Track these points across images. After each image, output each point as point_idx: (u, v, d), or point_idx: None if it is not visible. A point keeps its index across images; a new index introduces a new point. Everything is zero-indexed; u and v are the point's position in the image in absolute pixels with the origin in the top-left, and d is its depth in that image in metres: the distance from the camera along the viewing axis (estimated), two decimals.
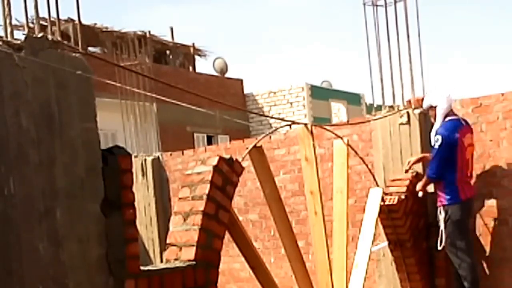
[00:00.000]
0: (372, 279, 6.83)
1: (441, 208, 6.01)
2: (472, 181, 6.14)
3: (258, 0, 65.56)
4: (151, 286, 3.44)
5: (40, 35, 3.18)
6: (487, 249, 6.25)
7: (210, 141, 21.37)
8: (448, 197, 5.97)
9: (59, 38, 3.29)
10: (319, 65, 57.15)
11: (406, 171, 6.35)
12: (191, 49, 23.85)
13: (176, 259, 3.81)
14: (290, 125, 5.72)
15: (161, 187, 9.20)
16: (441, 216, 5.99)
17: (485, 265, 6.27)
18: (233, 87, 23.91)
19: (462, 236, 5.99)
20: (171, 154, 9.25)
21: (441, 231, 5.98)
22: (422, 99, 6.46)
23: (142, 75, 9.02)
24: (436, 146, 5.94)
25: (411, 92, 6.76)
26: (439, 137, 5.92)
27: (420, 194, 6.19)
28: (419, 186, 6.19)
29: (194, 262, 3.73)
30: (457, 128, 5.97)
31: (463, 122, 6.07)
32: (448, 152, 5.90)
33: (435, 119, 6.12)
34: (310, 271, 5.25)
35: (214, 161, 4.15)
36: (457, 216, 5.95)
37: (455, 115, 6.10)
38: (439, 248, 5.99)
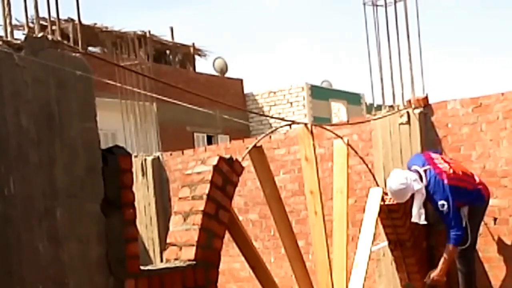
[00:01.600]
0: (372, 279, 6.83)
1: (464, 207, 5.92)
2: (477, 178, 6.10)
3: (257, 1, 65.57)
4: (151, 286, 3.44)
5: (40, 35, 3.18)
6: (487, 249, 6.26)
7: (210, 141, 21.39)
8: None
9: (59, 38, 3.29)
10: (319, 65, 57.17)
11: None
12: (191, 49, 23.86)
13: (176, 259, 3.80)
14: (290, 125, 5.72)
15: (161, 187, 9.20)
16: (464, 214, 5.90)
17: (485, 265, 6.27)
18: (233, 87, 23.92)
19: (472, 237, 5.98)
20: (171, 154, 9.25)
21: (466, 228, 5.89)
22: (426, 99, 6.42)
23: (142, 75, 9.02)
24: (446, 211, 5.79)
25: (411, 92, 6.77)
26: (444, 202, 5.79)
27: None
28: (442, 271, 5.93)
29: (194, 262, 3.73)
30: (434, 173, 5.86)
31: (423, 160, 6.00)
32: (455, 206, 5.81)
33: (411, 202, 5.98)
34: (310, 271, 5.24)
35: (214, 161, 4.15)
36: (479, 216, 5.96)
37: (415, 170, 5.97)
38: (464, 247, 5.92)
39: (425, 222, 5.93)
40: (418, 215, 5.93)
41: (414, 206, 5.92)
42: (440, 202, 5.80)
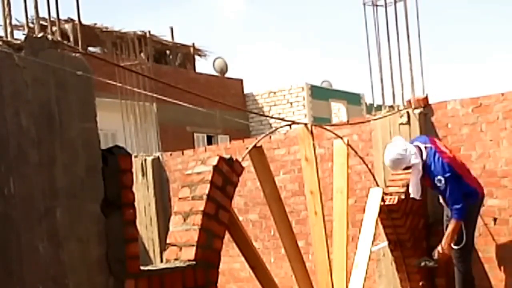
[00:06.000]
0: (372, 279, 6.83)
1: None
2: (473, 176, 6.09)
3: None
4: (151, 286, 3.44)
5: (40, 35, 3.18)
6: (487, 249, 6.25)
7: (210, 141, 21.39)
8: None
9: (59, 38, 3.29)
10: (319, 65, 57.17)
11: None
12: (191, 49, 23.87)
13: (176, 259, 3.81)
14: (290, 125, 5.72)
15: (161, 187, 9.21)
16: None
17: (485, 265, 6.27)
18: (233, 87, 23.93)
19: (469, 236, 5.97)
20: (171, 154, 9.26)
21: (462, 228, 5.86)
22: (426, 100, 6.44)
23: (142, 75, 9.02)
24: (443, 187, 5.76)
25: (411, 92, 6.77)
26: (441, 178, 5.74)
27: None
28: (446, 244, 5.86)
29: (194, 262, 3.73)
30: (435, 151, 5.83)
31: (426, 139, 5.99)
32: (454, 178, 5.77)
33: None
34: (310, 271, 5.24)
35: (214, 161, 4.15)
36: (472, 214, 5.92)
37: (417, 146, 5.92)
38: (459, 246, 5.89)
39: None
40: (415, 191, 5.91)
41: (411, 181, 5.91)
42: (437, 178, 5.77)
